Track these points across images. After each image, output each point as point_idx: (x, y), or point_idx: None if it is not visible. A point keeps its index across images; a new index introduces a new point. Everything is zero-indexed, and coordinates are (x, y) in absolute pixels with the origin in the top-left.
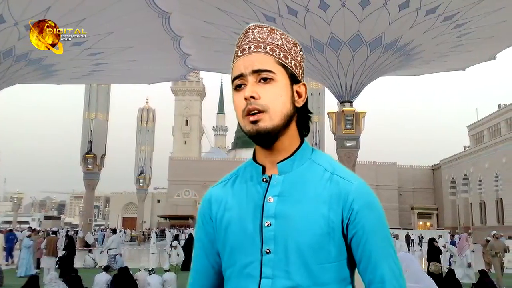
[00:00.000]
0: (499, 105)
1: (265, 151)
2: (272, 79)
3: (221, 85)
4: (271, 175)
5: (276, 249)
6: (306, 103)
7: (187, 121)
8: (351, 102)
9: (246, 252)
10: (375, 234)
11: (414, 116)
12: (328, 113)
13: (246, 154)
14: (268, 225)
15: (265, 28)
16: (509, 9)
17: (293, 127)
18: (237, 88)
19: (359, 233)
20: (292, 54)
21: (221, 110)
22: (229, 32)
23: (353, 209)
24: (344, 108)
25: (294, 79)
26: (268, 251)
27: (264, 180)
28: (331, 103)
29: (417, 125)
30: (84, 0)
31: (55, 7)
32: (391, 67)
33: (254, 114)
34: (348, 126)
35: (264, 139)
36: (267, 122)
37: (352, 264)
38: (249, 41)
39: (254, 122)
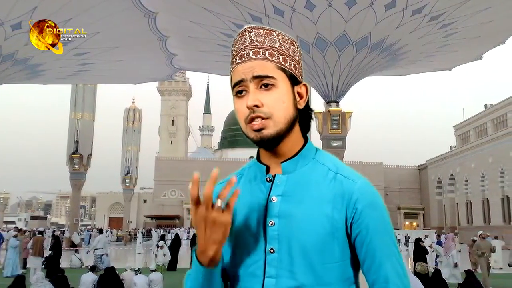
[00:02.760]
0: (486, 105)
1: (269, 153)
2: (273, 85)
3: (208, 85)
4: (275, 174)
5: (279, 248)
6: (308, 102)
7: (173, 121)
8: (337, 102)
9: (250, 252)
10: (379, 234)
11: (401, 116)
12: (314, 113)
13: (233, 154)
14: (272, 224)
15: (261, 30)
16: (495, 9)
17: (296, 128)
18: (238, 94)
19: (363, 233)
20: (291, 55)
21: (207, 110)
22: (215, 32)
23: (357, 209)
24: (330, 108)
25: (294, 80)
26: (272, 251)
27: (268, 179)
28: (317, 103)
29: (403, 125)
30: (70, 0)
31: (41, 7)
32: (378, 67)
33: (257, 120)
34: (334, 126)
35: (268, 144)
36: (271, 129)
37: (355, 264)
38: (247, 45)
39: (258, 130)
